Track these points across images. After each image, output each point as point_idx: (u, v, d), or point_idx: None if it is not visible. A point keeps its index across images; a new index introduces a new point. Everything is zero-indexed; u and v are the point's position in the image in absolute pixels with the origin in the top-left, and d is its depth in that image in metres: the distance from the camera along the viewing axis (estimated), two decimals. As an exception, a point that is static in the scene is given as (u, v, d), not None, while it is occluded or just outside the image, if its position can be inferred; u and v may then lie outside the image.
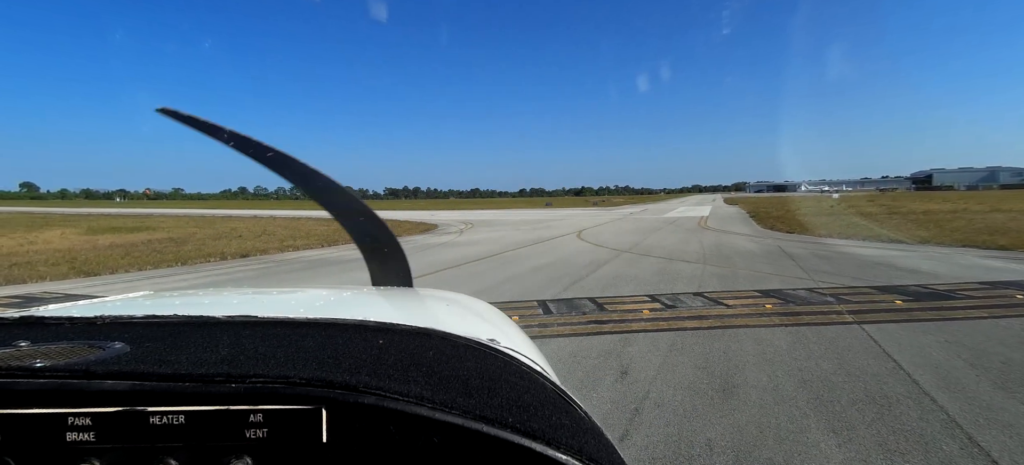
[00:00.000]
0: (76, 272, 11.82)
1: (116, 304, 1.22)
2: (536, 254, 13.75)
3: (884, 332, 5.49)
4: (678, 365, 4.59)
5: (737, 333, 5.56)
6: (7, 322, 0.76)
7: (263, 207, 78.77)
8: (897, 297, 7.23)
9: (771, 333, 5.54)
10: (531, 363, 0.77)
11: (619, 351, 5.04)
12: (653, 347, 5.14)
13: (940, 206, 33.25)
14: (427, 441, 0.52)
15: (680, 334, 5.57)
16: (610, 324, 6.11)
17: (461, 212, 49.22)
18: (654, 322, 6.12)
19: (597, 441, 0.58)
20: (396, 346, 0.68)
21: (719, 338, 5.38)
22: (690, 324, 5.99)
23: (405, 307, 1.29)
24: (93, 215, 44.57)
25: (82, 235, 22.08)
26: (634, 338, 5.49)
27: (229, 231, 24.33)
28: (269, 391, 0.52)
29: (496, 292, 8.23)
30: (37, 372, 0.52)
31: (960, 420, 3.43)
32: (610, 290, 8.32)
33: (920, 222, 20.73)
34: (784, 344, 5.13)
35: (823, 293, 7.60)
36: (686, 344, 5.21)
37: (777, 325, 5.86)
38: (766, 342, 5.21)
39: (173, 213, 51.01)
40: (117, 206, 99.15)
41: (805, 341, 5.22)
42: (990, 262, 10.57)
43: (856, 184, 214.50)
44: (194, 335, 0.70)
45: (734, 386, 4.06)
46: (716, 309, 6.71)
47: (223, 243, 18.64)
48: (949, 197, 56.25)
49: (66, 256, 14.48)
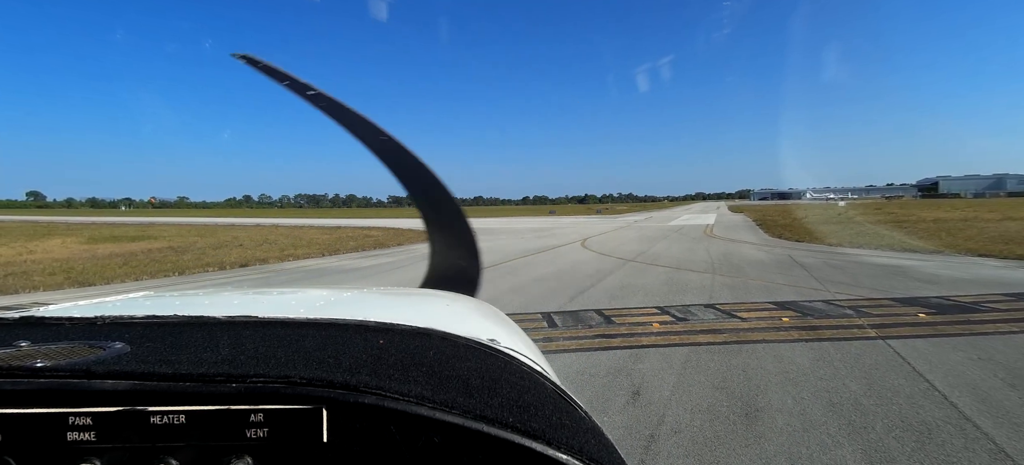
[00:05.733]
0: (72, 282, 11.61)
1: (116, 304, 1.19)
2: (539, 264, 13.46)
3: (911, 348, 5.16)
4: (694, 385, 4.28)
5: (755, 349, 5.24)
6: (8, 322, 0.75)
7: (267, 216, 78.88)
8: (920, 310, 6.89)
9: (791, 349, 5.21)
10: (531, 363, 0.77)
11: (630, 368, 4.74)
12: (666, 364, 4.83)
13: (950, 214, 32.76)
14: (427, 441, 0.51)
15: (694, 349, 5.26)
16: (619, 338, 5.80)
17: (464, 220, 48.86)
18: (665, 336, 5.81)
19: (597, 440, 0.58)
20: (396, 346, 0.68)
21: (736, 354, 5.06)
22: (704, 339, 5.67)
23: (405, 307, 1.28)
24: (96, 224, 44.61)
25: (82, 244, 21.95)
26: (645, 354, 5.18)
27: (231, 240, 24.18)
28: (270, 391, 0.52)
29: (498, 304, 7.86)
30: (38, 372, 0.52)
31: (1010, 450, 3.11)
32: (617, 301, 8.01)
33: (931, 231, 20.32)
34: (806, 361, 4.81)
35: (841, 305, 7.27)
36: (701, 361, 4.90)
37: (797, 340, 5.54)
38: (787, 359, 4.89)
39: (176, 222, 51.05)
40: (122, 215, 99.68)
41: (828, 358, 4.90)
42: (1011, 273, 10.20)
43: (861, 192, 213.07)
44: (194, 335, 0.69)
45: (757, 410, 3.75)
46: (730, 322, 6.39)
47: (223, 252, 18.45)
48: (957, 205, 55.62)
49: (64, 265, 14.30)
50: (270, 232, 29.86)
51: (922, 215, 31.97)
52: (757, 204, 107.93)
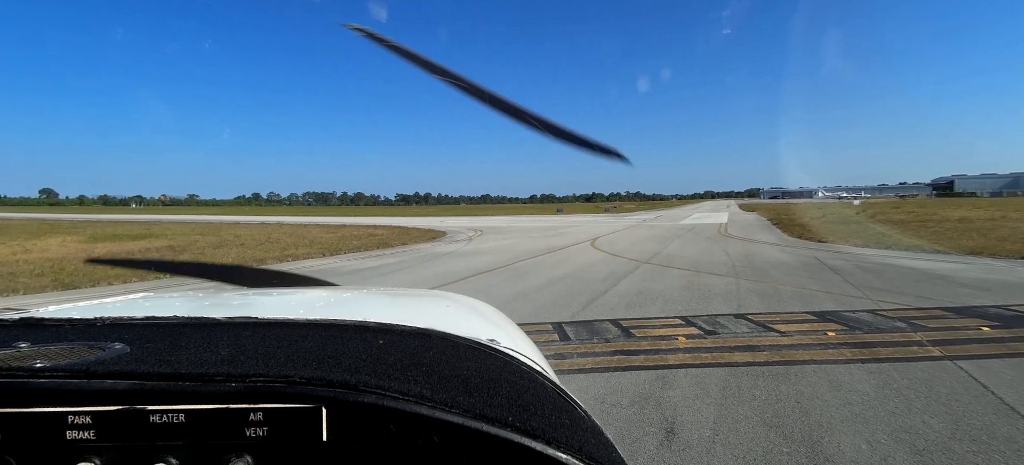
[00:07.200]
0: (57, 284, 11.10)
1: (116, 305, 1.18)
2: (549, 265, 12.73)
3: (988, 372, 4.38)
4: (741, 420, 3.54)
5: (804, 371, 4.48)
6: (7, 323, 0.75)
7: (275, 214, 78.85)
8: (981, 322, 6.08)
9: (847, 372, 4.45)
10: (531, 363, 0.77)
11: (658, 396, 4.01)
12: (701, 390, 4.09)
13: (974, 213, 31.50)
14: (427, 440, 0.51)
15: (732, 371, 4.51)
16: (641, 355, 5.07)
17: (472, 218, 48.37)
18: (695, 354, 5.06)
19: (597, 440, 0.57)
20: (396, 346, 0.68)
21: (784, 379, 4.31)
22: (741, 357, 4.92)
23: (405, 307, 1.28)
24: (103, 222, 44.52)
25: (82, 243, 21.56)
26: (674, 376, 4.44)
27: (233, 238, 23.71)
28: (269, 390, 0.52)
29: (505, 311, 7.21)
30: (37, 372, 0.51)
31: None
32: (635, 309, 7.27)
33: (960, 230, 19.30)
34: (869, 389, 4.05)
35: (889, 316, 6.46)
36: (743, 387, 4.15)
37: (850, 360, 4.77)
38: (845, 386, 4.13)
39: (183, 219, 50.88)
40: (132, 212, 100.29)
41: (894, 385, 4.13)
42: (1066, 277, 9.31)
43: (874, 190, 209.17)
44: (194, 335, 0.68)
45: (827, 459, 3.00)
46: (768, 337, 5.62)
47: (222, 252, 17.94)
48: (980, 204, 53.96)
49: (55, 266, 13.82)
50: (274, 230, 29.37)
51: (946, 214, 30.74)
52: (768, 202, 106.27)
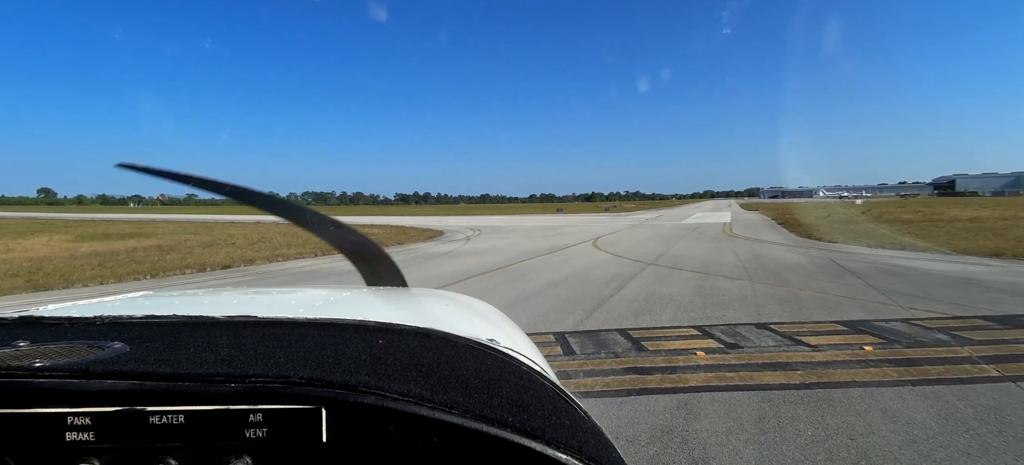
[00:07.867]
0: (29, 285, 10.46)
1: (115, 304, 1.17)
2: (549, 266, 12.10)
3: (1062, 396, 3.77)
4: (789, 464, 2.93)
5: (848, 397, 3.86)
6: (6, 322, 0.74)
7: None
8: (1032, 334, 5.47)
9: (898, 397, 3.83)
10: (531, 363, 0.76)
11: (682, 430, 3.39)
12: (734, 422, 3.47)
13: (983, 213, 30.88)
14: (427, 440, 0.51)
15: (767, 398, 3.89)
16: (656, 374, 4.46)
17: (470, 218, 47.73)
18: (718, 373, 4.45)
19: (597, 440, 0.57)
20: (396, 346, 0.67)
21: (827, 406, 3.69)
22: (772, 377, 4.30)
23: (405, 307, 1.27)
24: (96, 221, 43.79)
25: (68, 242, 20.91)
26: (698, 402, 3.83)
27: (225, 237, 23.06)
28: (269, 391, 0.52)
29: (503, 319, 6.61)
30: (36, 372, 0.51)
31: None
32: (644, 317, 6.66)
33: (973, 231, 18.68)
34: (931, 421, 3.43)
35: (927, 326, 5.85)
36: (783, 418, 3.53)
37: (897, 382, 4.15)
38: (900, 416, 3.52)
39: (178, 218, 50.18)
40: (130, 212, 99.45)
41: (958, 415, 3.52)
42: (1103, 281, 8.70)
43: (874, 190, 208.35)
44: (193, 335, 0.68)
45: (907, 525, 2.39)
46: (798, 352, 5.00)
47: (211, 251, 17.29)
48: (986, 203, 53.36)
49: (33, 266, 13.18)
50: (268, 230, 28.69)
51: (954, 214, 30.11)
52: (768, 202, 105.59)
